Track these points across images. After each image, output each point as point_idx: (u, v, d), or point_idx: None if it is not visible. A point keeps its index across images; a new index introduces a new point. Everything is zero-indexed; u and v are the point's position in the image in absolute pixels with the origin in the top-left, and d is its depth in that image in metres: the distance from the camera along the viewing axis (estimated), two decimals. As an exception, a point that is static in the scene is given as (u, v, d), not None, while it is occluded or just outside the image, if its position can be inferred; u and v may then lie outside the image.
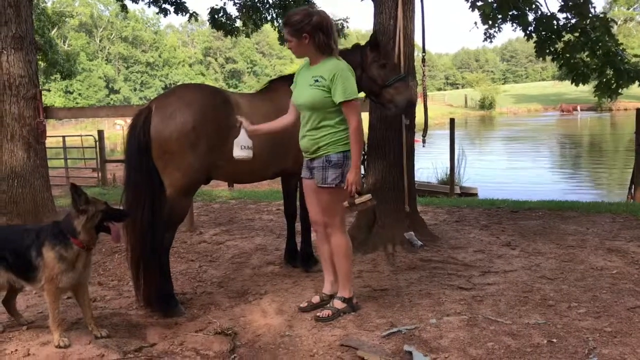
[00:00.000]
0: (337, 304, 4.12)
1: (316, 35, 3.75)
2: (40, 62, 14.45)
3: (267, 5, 12.04)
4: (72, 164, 17.68)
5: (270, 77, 72.74)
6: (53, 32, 24.43)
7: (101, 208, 3.63)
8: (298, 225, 5.48)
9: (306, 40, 3.78)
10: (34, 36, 7.68)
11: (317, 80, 3.83)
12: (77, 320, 4.09)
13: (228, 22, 12.12)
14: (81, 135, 19.64)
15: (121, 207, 4.21)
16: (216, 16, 11.98)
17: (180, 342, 3.71)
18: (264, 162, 4.76)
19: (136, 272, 4.33)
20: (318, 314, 4.07)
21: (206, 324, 4.06)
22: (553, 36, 8.71)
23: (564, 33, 8.62)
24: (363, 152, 6.06)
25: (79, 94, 67.99)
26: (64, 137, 17.44)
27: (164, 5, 11.56)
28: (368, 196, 3.97)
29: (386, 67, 5.00)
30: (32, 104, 7.36)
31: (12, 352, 3.55)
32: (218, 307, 4.43)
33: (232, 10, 12.14)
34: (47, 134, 7.75)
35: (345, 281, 4.14)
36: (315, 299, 4.32)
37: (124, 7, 11.88)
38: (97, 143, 14.97)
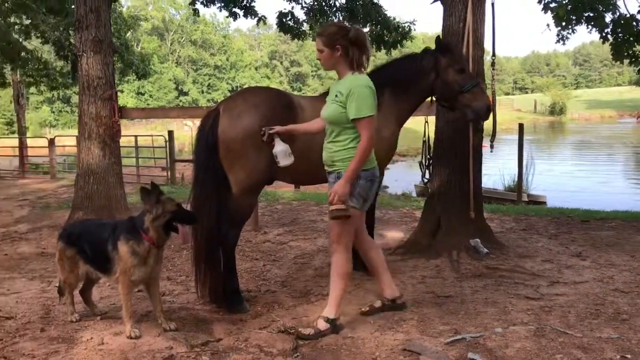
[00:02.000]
0: (320, 324, 3.87)
1: (350, 49, 3.70)
2: (116, 63, 15.08)
3: (334, 9, 12.10)
4: (143, 162, 18.33)
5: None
6: (127, 35, 25.39)
7: (170, 209, 3.74)
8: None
9: (338, 53, 3.72)
10: (111, 39, 8.03)
11: (336, 96, 3.79)
12: (147, 312, 4.26)
13: (295, 25, 12.27)
14: (152, 135, 20.34)
15: (188, 207, 4.33)
16: (284, 20, 12.16)
17: (244, 338, 3.79)
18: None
19: (200, 269, 4.45)
20: (300, 330, 3.87)
21: (270, 321, 4.13)
22: (631, 38, 8.35)
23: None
24: (429, 157, 6.05)
25: (150, 96, 70.42)
26: (135, 136, 18.10)
27: (234, 9, 11.82)
28: (343, 206, 3.67)
29: (464, 72, 4.98)
30: (108, 104, 7.70)
31: (87, 340, 3.73)
32: (281, 306, 4.49)
33: (300, 14, 12.26)
34: (120, 134, 8.08)
35: (334, 302, 3.90)
36: (378, 303, 4.30)
37: (196, 12, 12.22)
38: (167, 143, 15.44)
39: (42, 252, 6.61)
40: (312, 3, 12.07)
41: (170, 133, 15.50)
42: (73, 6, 9.51)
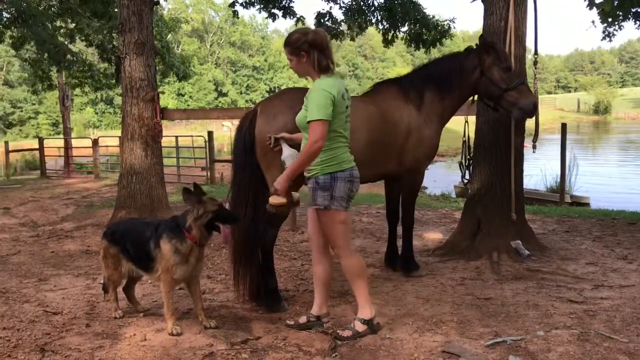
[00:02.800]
0: (358, 325, 3.85)
1: (312, 53, 3.64)
2: (158, 65, 15.37)
3: (372, 8, 12.07)
4: (183, 162, 18.62)
5: (373, 80, 72.74)
6: (168, 37, 25.84)
7: (212, 209, 3.79)
8: (399, 230, 5.45)
9: (304, 59, 3.67)
10: (153, 42, 8.18)
11: (304, 101, 3.77)
12: (188, 310, 4.33)
13: (333, 25, 12.27)
14: (192, 136, 20.64)
15: (227, 206, 4.38)
16: (322, 20, 12.18)
17: (283, 337, 3.82)
18: (364, 164, 4.78)
19: (238, 267, 4.50)
20: (339, 332, 3.85)
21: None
22: (681, 35, 8.07)
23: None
24: (469, 157, 5.99)
25: (190, 97, 71.46)
26: (176, 137, 18.41)
27: (273, 10, 11.90)
28: (283, 200, 3.65)
29: (509, 70, 5.00)
30: (151, 105, 7.84)
31: (130, 336, 3.82)
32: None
33: (338, 14, 12.29)
34: (162, 134, 8.22)
35: (364, 301, 3.88)
36: (302, 319, 4.06)
37: (235, 13, 12.35)
38: (207, 143, 15.66)
39: (86, 250, 6.80)
40: (350, 3, 12.05)
41: (210, 133, 15.73)
42: (116, 10, 9.73)
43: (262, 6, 11.77)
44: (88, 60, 19.76)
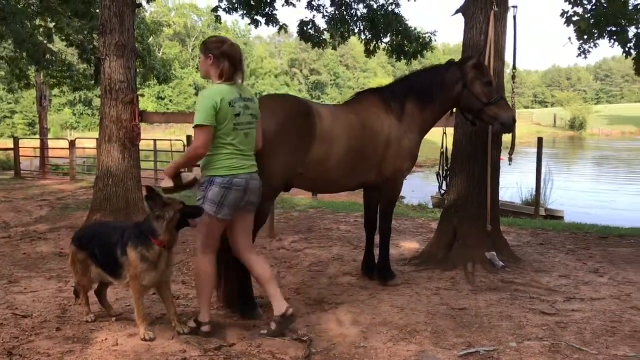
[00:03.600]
0: (191, 323, 3.98)
1: (221, 60, 3.79)
2: (138, 68, 15.27)
3: (355, 18, 12.15)
4: (161, 166, 18.41)
5: (354, 89, 72.99)
6: (150, 40, 25.68)
7: (178, 208, 3.76)
8: (376, 238, 5.47)
9: (209, 61, 3.82)
10: (134, 44, 8.13)
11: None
12: (161, 315, 4.29)
13: (316, 34, 12.33)
14: (170, 140, 20.48)
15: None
16: (305, 28, 12.22)
17: (257, 344, 3.79)
18: (344, 173, 4.81)
19: (217, 274, 4.46)
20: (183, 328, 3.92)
21: (283, 328, 4.12)
22: (655, 54, 8.30)
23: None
24: (446, 168, 6.06)
25: (170, 100, 70.94)
26: (154, 140, 18.25)
27: (255, 17, 11.91)
28: (170, 184, 3.85)
29: (491, 84, 5.10)
30: (129, 107, 7.78)
31: (102, 340, 3.76)
32: (295, 313, 4.48)
33: (321, 23, 12.32)
34: (140, 137, 8.15)
35: (201, 304, 4.01)
36: (272, 325, 3.99)
37: (217, 18, 12.33)
38: (185, 147, 15.54)
39: (60, 252, 6.69)
40: (333, 12, 12.12)
41: (189, 137, 15.59)
42: (98, 10, 9.65)
43: (245, 12, 11.78)
44: (67, 60, 19.54)
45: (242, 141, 3.83)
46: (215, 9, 11.96)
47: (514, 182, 13.71)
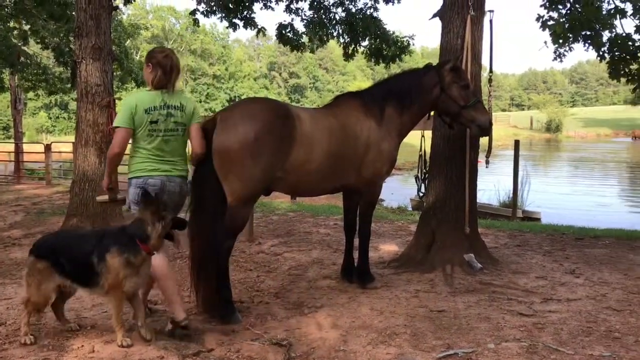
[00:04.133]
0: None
1: (155, 68, 4.07)
2: (115, 71, 15.12)
3: (334, 22, 12.17)
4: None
5: (333, 92, 73.07)
6: (127, 43, 25.45)
7: (170, 216, 3.76)
8: (356, 241, 5.47)
9: (149, 69, 4.11)
10: (111, 47, 8.04)
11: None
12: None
13: (295, 37, 12.32)
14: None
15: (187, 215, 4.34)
16: (283, 31, 12.21)
17: (236, 349, 3.77)
18: (324, 176, 4.80)
19: (196, 278, 4.45)
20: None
21: (262, 333, 4.10)
22: (627, 57, 8.45)
23: (639, 54, 8.35)
24: (425, 171, 6.11)
25: (148, 104, 70.51)
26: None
27: (234, 20, 11.87)
28: (105, 197, 4.39)
29: (468, 88, 5.15)
30: (106, 111, 7.69)
31: (78, 347, 3.71)
32: (274, 318, 4.48)
33: (299, 26, 12.32)
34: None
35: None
36: (169, 326, 3.99)
37: (196, 21, 12.26)
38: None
39: (35, 258, 6.57)
40: (312, 16, 12.13)
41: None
42: (74, 13, 9.53)
43: (223, 15, 11.73)
44: (43, 64, 19.27)
45: (160, 147, 4.06)
46: (193, 12, 11.89)
47: (491, 185, 13.83)
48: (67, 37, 15.88)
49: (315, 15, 12.07)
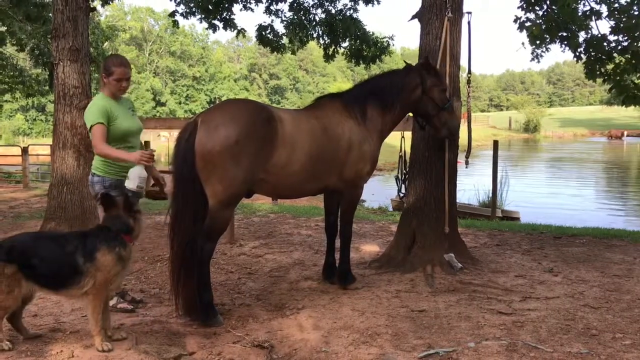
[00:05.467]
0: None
1: (109, 78, 4.54)
2: (93, 73, 14.96)
3: (314, 23, 12.19)
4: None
5: (314, 94, 73.10)
6: (105, 45, 25.20)
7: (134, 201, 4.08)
8: (337, 242, 5.49)
9: (104, 79, 4.57)
10: (89, 48, 7.95)
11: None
12: (119, 325, 4.18)
13: (275, 38, 12.32)
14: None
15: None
16: (263, 33, 12.20)
17: (218, 352, 3.76)
18: (306, 178, 4.81)
19: (177, 281, 4.41)
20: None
21: (244, 335, 4.09)
22: (603, 57, 8.59)
23: (614, 55, 8.49)
24: (405, 172, 6.15)
25: (127, 105, 69.88)
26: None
27: (213, 21, 11.82)
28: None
29: (445, 91, 5.26)
30: (84, 113, 7.58)
31: (57, 353, 3.66)
32: (256, 320, 4.47)
33: (279, 28, 12.30)
34: (97, 143, 7.97)
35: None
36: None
37: (175, 23, 12.19)
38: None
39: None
40: (292, 17, 12.13)
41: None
42: (51, 14, 9.42)
43: (203, 17, 11.67)
44: (19, 65, 18.99)
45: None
46: (172, 14, 11.81)
47: (471, 185, 13.96)
48: (45, 38, 15.66)
49: (295, 17, 12.08)
